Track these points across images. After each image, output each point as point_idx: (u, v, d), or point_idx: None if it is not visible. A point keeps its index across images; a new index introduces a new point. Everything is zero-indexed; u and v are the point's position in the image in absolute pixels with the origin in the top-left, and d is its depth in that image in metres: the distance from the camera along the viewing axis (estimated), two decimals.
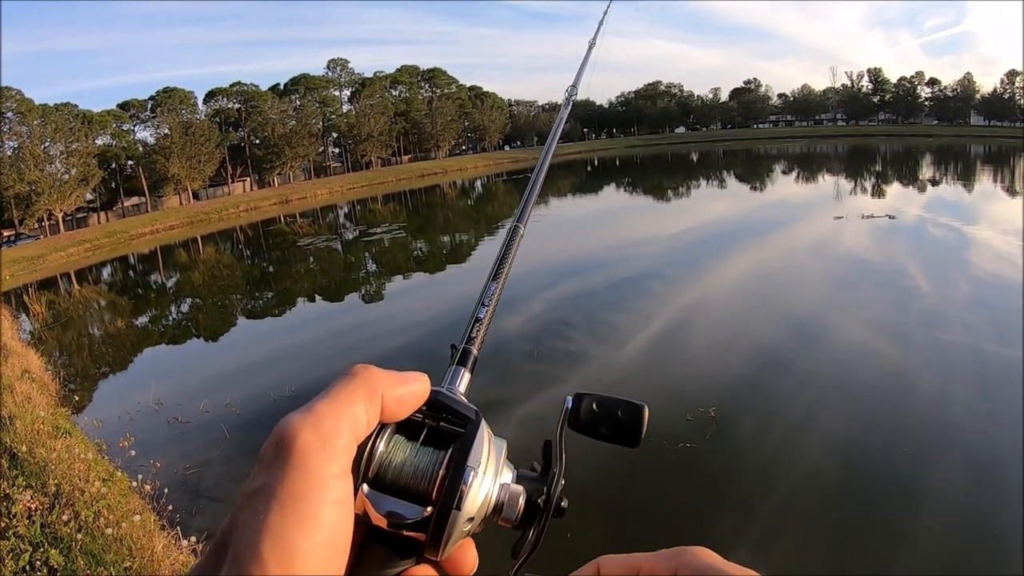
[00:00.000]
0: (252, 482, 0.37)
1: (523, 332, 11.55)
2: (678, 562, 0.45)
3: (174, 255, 35.52)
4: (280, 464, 0.37)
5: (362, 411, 0.41)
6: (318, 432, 0.38)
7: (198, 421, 9.27)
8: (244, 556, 0.34)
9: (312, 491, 0.36)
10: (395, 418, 0.44)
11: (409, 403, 0.45)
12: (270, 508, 0.35)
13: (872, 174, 42.88)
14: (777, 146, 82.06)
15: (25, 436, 6.96)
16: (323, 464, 0.37)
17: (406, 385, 0.44)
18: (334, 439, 0.38)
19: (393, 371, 0.44)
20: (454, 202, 47.96)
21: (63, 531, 4.87)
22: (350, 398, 0.41)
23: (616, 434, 0.52)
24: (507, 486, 0.47)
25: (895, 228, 19.85)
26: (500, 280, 0.64)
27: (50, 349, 15.32)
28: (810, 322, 11.20)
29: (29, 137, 50.00)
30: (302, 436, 0.38)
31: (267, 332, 15.74)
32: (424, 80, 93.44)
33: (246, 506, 0.36)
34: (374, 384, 0.42)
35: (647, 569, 0.46)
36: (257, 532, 0.34)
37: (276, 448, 0.38)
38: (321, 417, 0.39)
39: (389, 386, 0.43)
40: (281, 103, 76.51)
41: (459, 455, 0.44)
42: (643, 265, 17.05)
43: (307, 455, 0.37)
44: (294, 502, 0.35)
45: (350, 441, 0.40)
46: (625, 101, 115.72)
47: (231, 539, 0.36)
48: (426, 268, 21.62)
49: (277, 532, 0.34)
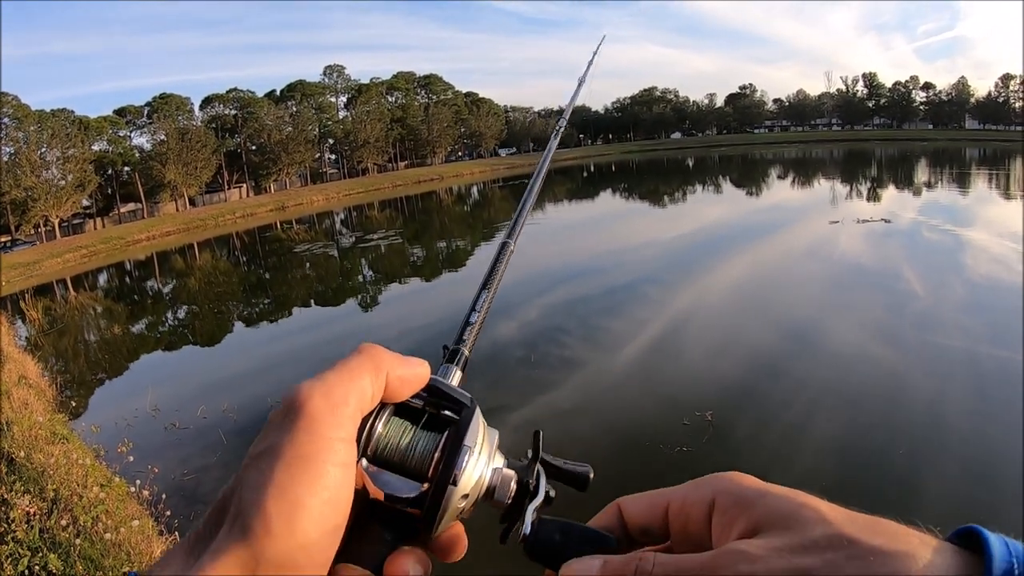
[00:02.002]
0: (259, 444, 0.38)
1: (519, 338, 11.57)
2: (714, 488, 0.43)
3: (170, 261, 35.45)
4: (289, 426, 0.38)
5: (368, 384, 0.42)
6: (328, 398, 0.39)
7: (195, 426, 9.26)
8: (249, 511, 0.34)
9: (319, 452, 0.37)
10: (396, 398, 0.45)
11: (411, 384, 0.46)
12: (276, 466, 0.36)
13: (867, 178, 43.05)
14: (773, 151, 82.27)
15: (23, 441, 6.96)
16: (331, 428, 0.38)
17: (409, 367, 0.46)
18: (342, 406, 0.40)
19: (397, 353, 0.46)
20: (450, 208, 47.96)
21: (61, 536, 4.87)
22: (358, 371, 0.42)
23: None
24: (499, 470, 0.48)
25: (890, 232, 19.92)
26: (491, 289, 0.65)
27: (47, 355, 15.29)
28: (806, 326, 11.24)
29: (25, 143, 49.86)
30: (312, 400, 0.39)
31: (264, 338, 15.73)
32: (420, 86, 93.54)
33: (252, 465, 0.37)
34: (380, 362, 0.44)
35: (677, 502, 0.45)
36: (263, 488, 0.35)
37: (286, 411, 0.39)
38: (331, 385, 0.40)
39: (394, 366, 0.44)
40: (277, 109, 76.44)
41: (455, 436, 0.45)
42: (639, 270, 17.08)
43: (316, 418, 0.38)
44: (301, 461, 0.36)
45: (356, 411, 0.41)
46: (621, 107, 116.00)
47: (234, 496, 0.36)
48: (422, 274, 21.64)
49: (283, 488, 0.35)
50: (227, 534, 0.35)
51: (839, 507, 0.38)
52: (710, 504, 0.43)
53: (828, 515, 0.37)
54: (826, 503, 0.39)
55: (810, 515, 0.37)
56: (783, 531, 0.37)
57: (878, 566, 0.33)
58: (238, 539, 0.34)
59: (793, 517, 0.38)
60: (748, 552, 0.37)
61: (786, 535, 0.37)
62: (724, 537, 0.40)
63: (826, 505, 0.38)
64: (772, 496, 0.40)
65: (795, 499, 0.39)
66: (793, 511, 0.38)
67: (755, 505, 0.40)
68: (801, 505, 0.38)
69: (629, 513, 0.47)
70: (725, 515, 0.41)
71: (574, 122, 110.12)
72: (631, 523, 0.47)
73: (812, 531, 0.36)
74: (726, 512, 0.41)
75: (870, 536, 0.35)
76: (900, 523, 0.36)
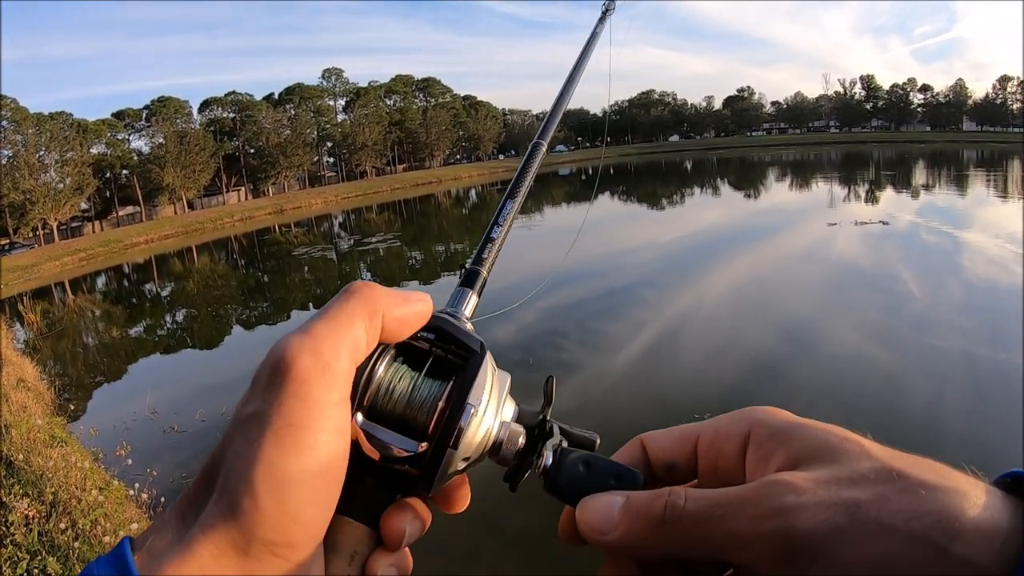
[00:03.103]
0: (245, 406, 0.36)
1: (518, 341, 11.57)
2: (749, 421, 0.41)
3: (169, 264, 35.43)
4: (276, 390, 0.35)
5: (362, 332, 0.39)
6: (317, 357, 0.36)
7: (194, 430, 9.26)
8: (236, 487, 0.33)
9: (310, 420, 0.34)
10: (396, 338, 0.42)
11: (411, 323, 0.42)
12: (264, 436, 0.33)
13: (865, 180, 43.08)
14: (771, 154, 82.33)
15: (21, 445, 6.96)
16: (322, 391, 0.35)
17: (408, 304, 0.42)
18: (333, 364, 0.36)
19: (395, 289, 0.42)
20: (449, 211, 47.99)
21: (60, 539, 4.87)
22: (350, 318, 0.38)
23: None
24: (507, 424, 0.44)
25: (888, 234, 19.95)
26: (517, 199, 0.61)
27: (45, 358, 15.28)
28: (804, 328, 11.25)
29: (24, 146, 49.87)
30: (300, 361, 0.35)
31: (262, 341, 15.70)
32: (419, 89, 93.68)
33: (238, 432, 0.35)
34: (375, 303, 0.40)
35: (708, 436, 0.42)
36: (250, 461, 0.33)
37: (272, 372, 0.35)
38: (320, 340, 0.36)
39: (391, 305, 0.40)
40: (276, 112, 76.55)
41: (459, 391, 0.41)
42: (637, 273, 17.10)
43: (305, 381, 0.35)
44: (291, 431, 0.34)
45: (350, 365, 0.38)
46: (619, 110, 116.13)
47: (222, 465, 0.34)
48: (421, 277, 21.64)
49: (271, 461, 0.33)
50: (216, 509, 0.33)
51: (881, 444, 0.37)
52: (744, 437, 0.40)
53: (873, 450, 0.36)
54: (868, 439, 0.37)
55: (855, 448, 0.36)
56: (828, 464, 0.35)
57: (929, 501, 0.32)
58: (227, 516, 0.32)
59: (837, 450, 0.36)
60: (794, 483, 0.34)
61: (832, 467, 0.35)
62: (760, 472, 0.38)
63: (868, 440, 0.37)
64: (812, 429, 0.38)
65: (837, 432, 0.37)
66: (837, 444, 0.36)
67: (795, 438, 0.38)
68: (844, 438, 0.37)
69: (654, 448, 0.45)
70: (761, 448, 0.39)
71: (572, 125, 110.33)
72: (655, 459, 0.45)
73: (859, 464, 0.35)
74: (762, 445, 0.39)
75: (919, 471, 0.34)
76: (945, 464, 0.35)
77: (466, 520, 0.43)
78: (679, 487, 0.38)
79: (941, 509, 0.32)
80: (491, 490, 0.46)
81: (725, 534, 0.35)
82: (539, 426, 0.45)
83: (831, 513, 0.33)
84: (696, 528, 0.36)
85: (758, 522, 0.34)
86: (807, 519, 0.33)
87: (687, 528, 0.37)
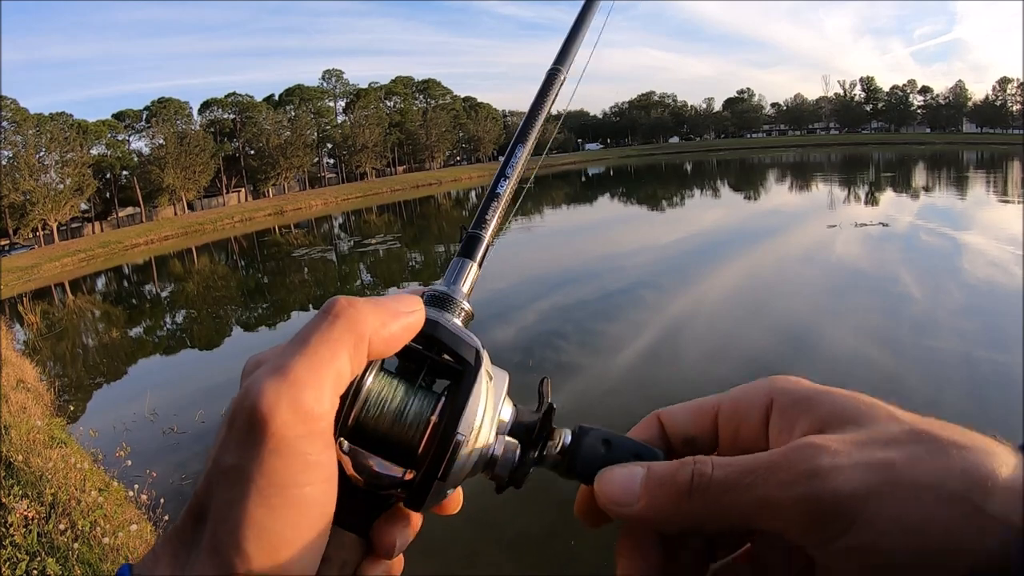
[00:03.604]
0: (225, 453, 0.32)
1: (517, 342, 11.58)
2: (770, 389, 0.40)
3: (168, 266, 35.44)
4: (255, 446, 0.31)
5: (346, 364, 0.35)
6: (297, 408, 0.32)
7: (193, 431, 9.25)
8: (228, 552, 0.31)
9: (294, 475, 0.32)
10: (384, 355, 0.39)
11: (401, 339, 0.39)
12: (248, 495, 0.31)
13: (865, 182, 43.08)
14: (771, 155, 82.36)
15: (21, 446, 6.96)
16: (305, 444, 0.32)
17: (397, 320, 0.38)
18: (316, 410, 0.33)
19: (382, 301, 0.38)
20: (449, 212, 47.98)
21: (60, 540, 4.87)
22: (332, 350, 0.34)
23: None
24: (502, 439, 0.42)
25: (888, 236, 19.95)
26: (528, 142, 0.52)
27: (45, 359, 15.29)
28: (804, 329, 11.25)
29: (24, 147, 49.89)
30: (279, 415, 0.32)
31: (262, 343, 15.69)
32: (419, 91, 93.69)
33: (222, 483, 0.32)
34: (360, 326, 0.36)
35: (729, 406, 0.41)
36: (238, 523, 0.31)
37: (249, 424, 0.32)
38: (300, 386, 0.32)
39: (378, 325, 0.37)
40: (276, 114, 76.54)
41: (450, 417, 0.38)
42: (637, 274, 17.08)
43: (286, 437, 0.32)
44: (275, 491, 0.31)
45: (333, 403, 0.34)
46: (619, 111, 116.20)
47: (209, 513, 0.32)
48: (421, 278, 21.62)
49: (260, 524, 0.31)
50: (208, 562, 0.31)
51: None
52: (766, 406, 0.39)
53: (900, 414, 0.36)
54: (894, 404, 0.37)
55: (882, 412, 0.36)
56: (857, 427, 0.35)
57: (961, 460, 0.32)
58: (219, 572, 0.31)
59: (865, 414, 0.36)
60: (827, 446, 0.33)
61: (861, 431, 0.34)
62: (785, 439, 0.37)
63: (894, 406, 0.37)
64: (837, 395, 0.38)
65: (863, 398, 0.37)
66: (863, 409, 0.36)
67: (820, 404, 0.37)
68: (871, 403, 0.37)
69: (671, 423, 0.44)
70: (785, 416, 0.38)
71: (572, 126, 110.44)
72: (673, 434, 0.44)
73: (888, 426, 0.34)
74: (786, 412, 0.38)
75: (948, 433, 0.34)
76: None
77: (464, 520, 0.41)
78: (704, 456, 0.37)
79: (973, 468, 0.31)
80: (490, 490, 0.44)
81: (755, 501, 0.34)
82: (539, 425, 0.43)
83: (866, 474, 0.32)
84: (725, 496, 0.35)
85: (790, 486, 0.33)
86: (842, 481, 0.32)
87: (715, 497, 0.35)
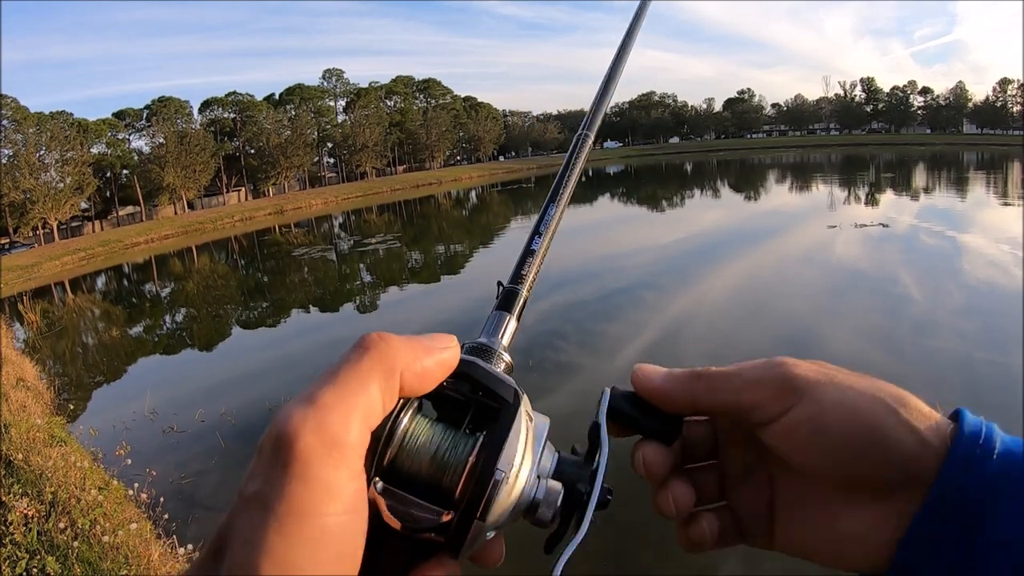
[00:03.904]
0: (250, 481, 0.32)
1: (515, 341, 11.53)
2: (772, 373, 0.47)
3: (168, 265, 35.44)
4: (279, 470, 0.31)
5: (377, 396, 0.35)
6: (322, 433, 0.32)
7: (193, 430, 9.26)
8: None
9: (317, 504, 0.31)
10: (418, 393, 0.38)
11: (435, 376, 0.39)
12: (268, 525, 0.30)
13: (865, 183, 43.08)
14: (771, 156, 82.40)
15: (21, 444, 6.96)
16: (329, 471, 0.32)
17: (431, 356, 0.38)
18: (342, 438, 0.33)
19: (416, 337, 0.38)
20: (449, 212, 48.01)
21: (59, 539, 4.88)
22: (362, 381, 0.34)
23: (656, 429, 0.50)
24: (544, 481, 0.41)
25: (888, 236, 19.96)
26: (560, 203, 0.55)
27: (45, 358, 15.30)
28: (804, 330, 11.27)
29: (24, 145, 49.87)
30: (303, 439, 0.31)
31: (262, 342, 15.72)
32: (419, 91, 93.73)
33: (243, 512, 0.31)
34: (391, 360, 0.36)
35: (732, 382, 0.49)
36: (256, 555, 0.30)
37: (274, 449, 0.32)
38: (326, 412, 0.33)
39: (411, 360, 0.37)
40: (276, 113, 76.56)
41: (490, 450, 0.38)
42: (637, 275, 17.09)
43: (309, 462, 0.31)
44: (295, 519, 0.31)
45: (362, 436, 0.34)
46: (619, 111, 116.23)
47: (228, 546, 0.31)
48: (421, 279, 21.61)
49: (278, 556, 0.30)
50: None
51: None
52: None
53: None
54: None
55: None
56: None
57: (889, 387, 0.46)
58: None
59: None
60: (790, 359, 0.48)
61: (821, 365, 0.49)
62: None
63: None
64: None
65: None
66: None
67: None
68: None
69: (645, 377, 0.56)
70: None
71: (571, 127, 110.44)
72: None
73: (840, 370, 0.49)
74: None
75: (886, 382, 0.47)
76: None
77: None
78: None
79: (896, 392, 0.45)
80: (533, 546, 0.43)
81: (743, 380, 0.46)
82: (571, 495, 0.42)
83: (818, 374, 0.46)
84: (722, 379, 0.48)
85: (766, 370, 0.46)
86: (800, 371, 0.46)
87: (715, 378, 0.48)
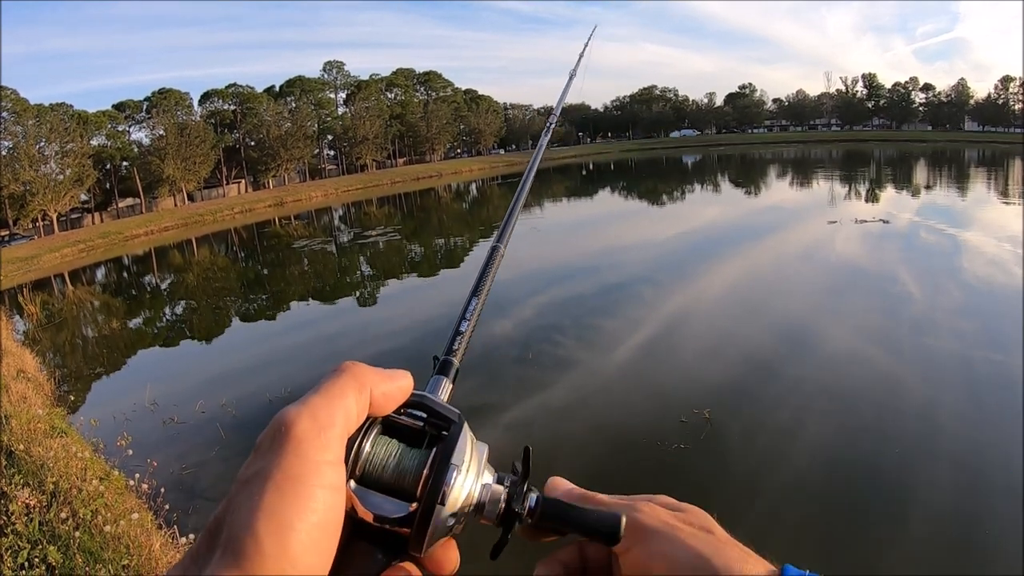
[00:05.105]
0: (248, 468, 0.38)
1: (516, 336, 11.61)
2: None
3: (168, 257, 35.41)
4: (277, 449, 0.38)
5: (353, 403, 0.43)
6: (314, 421, 0.40)
7: (193, 421, 9.29)
8: (240, 534, 0.35)
9: (307, 474, 0.38)
10: (382, 412, 0.46)
11: (395, 398, 0.47)
12: (266, 489, 0.36)
13: (866, 179, 43.06)
14: (772, 151, 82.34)
15: (22, 435, 6.99)
16: (318, 450, 0.39)
17: (392, 381, 0.47)
18: (328, 428, 0.40)
19: (379, 368, 0.47)
20: (449, 205, 48.01)
21: (61, 529, 4.90)
22: (342, 391, 0.43)
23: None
24: (488, 486, 0.49)
25: (888, 233, 19.97)
26: (481, 296, 0.65)
27: (45, 349, 15.32)
28: (803, 327, 11.28)
29: (24, 137, 49.72)
30: (299, 424, 0.39)
31: (262, 334, 15.75)
32: (420, 83, 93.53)
33: (242, 490, 0.37)
34: (362, 379, 0.44)
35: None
36: (253, 511, 0.36)
37: (273, 436, 0.39)
38: (316, 408, 0.41)
39: (377, 381, 0.45)
40: (276, 105, 76.38)
41: (443, 454, 0.45)
42: (636, 270, 17.10)
43: (303, 441, 0.39)
44: (290, 483, 0.37)
45: (342, 431, 0.42)
46: (620, 105, 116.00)
47: (225, 520, 0.37)
48: (420, 271, 21.64)
49: (273, 511, 0.36)
50: (220, 559, 0.35)
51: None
52: None
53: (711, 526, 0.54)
54: None
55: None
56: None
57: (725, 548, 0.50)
58: (231, 563, 0.34)
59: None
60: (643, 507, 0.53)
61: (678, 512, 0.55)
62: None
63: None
64: None
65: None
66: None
67: None
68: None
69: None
70: None
71: (573, 120, 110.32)
72: None
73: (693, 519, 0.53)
74: None
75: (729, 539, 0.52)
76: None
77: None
78: None
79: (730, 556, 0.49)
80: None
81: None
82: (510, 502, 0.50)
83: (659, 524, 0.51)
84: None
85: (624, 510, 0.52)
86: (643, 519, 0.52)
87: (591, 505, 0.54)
